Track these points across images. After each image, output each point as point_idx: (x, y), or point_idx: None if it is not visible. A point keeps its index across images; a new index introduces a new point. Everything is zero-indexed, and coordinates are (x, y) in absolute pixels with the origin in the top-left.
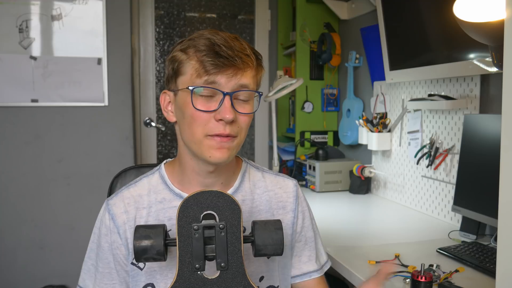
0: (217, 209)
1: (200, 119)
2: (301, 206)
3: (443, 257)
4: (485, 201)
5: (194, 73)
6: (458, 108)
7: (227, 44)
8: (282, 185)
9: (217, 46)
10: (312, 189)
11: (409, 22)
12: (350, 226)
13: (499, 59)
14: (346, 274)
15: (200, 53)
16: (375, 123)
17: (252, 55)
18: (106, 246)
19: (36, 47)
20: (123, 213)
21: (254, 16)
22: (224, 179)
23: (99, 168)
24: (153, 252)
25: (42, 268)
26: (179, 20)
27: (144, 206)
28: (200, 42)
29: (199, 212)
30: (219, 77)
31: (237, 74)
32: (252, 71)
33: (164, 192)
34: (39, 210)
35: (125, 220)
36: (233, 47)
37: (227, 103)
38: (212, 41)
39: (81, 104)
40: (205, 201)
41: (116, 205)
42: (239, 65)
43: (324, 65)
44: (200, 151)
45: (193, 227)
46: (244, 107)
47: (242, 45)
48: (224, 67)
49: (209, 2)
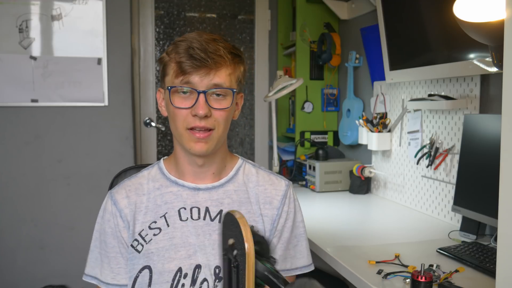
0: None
1: (180, 115)
2: (288, 207)
3: (443, 257)
4: (485, 201)
5: (173, 73)
6: (458, 108)
7: (201, 47)
8: (274, 183)
9: (191, 49)
10: (312, 189)
11: (409, 22)
12: (350, 226)
13: (499, 59)
14: (346, 274)
15: (178, 55)
16: (375, 123)
17: (226, 55)
18: (109, 231)
19: (36, 47)
20: (125, 198)
21: (254, 16)
22: (216, 170)
23: (99, 168)
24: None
25: (42, 268)
26: (179, 20)
27: (144, 192)
28: (180, 46)
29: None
30: (193, 77)
31: (209, 74)
32: (227, 69)
33: (162, 180)
34: (39, 210)
35: (126, 204)
36: (206, 49)
37: (201, 100)
38: (189, 45)
39: (81, 104)
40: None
41: (118, 192)
42: (211, 65)
43: (324, 65)
44: (182, 143)
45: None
46: (220, 102)
47: (217, 46)
48: (197, 68)
49: (209, 2)
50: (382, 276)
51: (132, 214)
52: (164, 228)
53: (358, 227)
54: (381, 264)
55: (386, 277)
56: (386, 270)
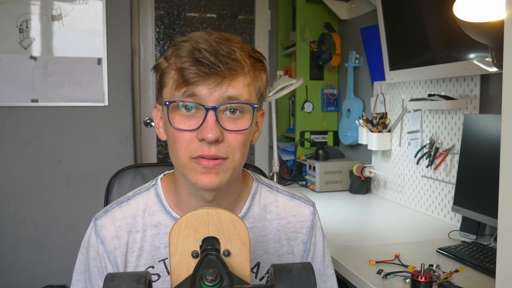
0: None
1: (181, 139)
2: (315, 238)
3: (443, 257)
4: (485, 201)
5: (173, 84)
6: (458, 108)
7: (211, 48)
8: (298, 212)
9: (197, 51)
10: (312, 189)
11: (409, 22)
12: (350, 226)
13: (499, 59)
14: (346, 274)
15: (180, 60)
16: (375, 123)
17: (245, 59)
18: (95, 271)
19: (36, 47)
20: (114, 238)
21: (254, 16)
22: (228, 205)
23: (99, 168)
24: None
25: (42, 268)
26: (179, 20)
27: (138, 229)
28: (183, 47)
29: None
30: (199, 88)
31: (222, 84)
32: (245, 78)
33: (160, 215)
34: (39, 210)
35: (116, 245)
36: (217, 51)
37: (210, 119)
38: (195, 46)
39: (81, 104)
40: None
41: (106, 227)
42: (224, 72)
43: (324, 65)
44: (186, 175)
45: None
46: (236, 122)
47: (232, 47)
48: (205, 76)
49: (209, 2)
50: (382, 276)
51: (122, 257)
52: (164, 275)
53: (358, 227)
54: (381, 264)
55: (386, 277)
56: (386, 270)
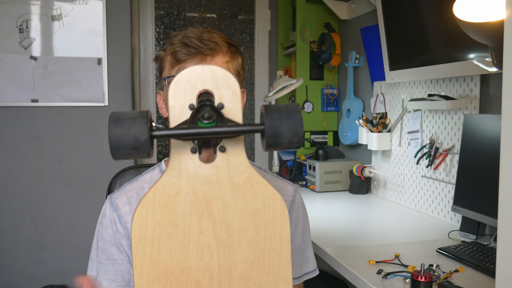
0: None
1: None
2: (296, 213)
3: (443, 257)
4: (485, 201)
5: (169, 65)
6: (458, 108)
7: (196, 36)
8: (281, 188)
9: (186, 38)
10: (312, 189)
11: (409, 22)
12: (350, 226)
13: (499, 59)
14: (346, 274)
15: (173, 46)
16: (375, 123)
17: (222, 42)
18: (107, 238)
19: (36, 47)
20: (126, 204)
21: (254, 16)
22: None
23: (99, 168)
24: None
25: (42, 268)
26: (179, 20)
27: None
28: (175, 38)
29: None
30: (188, 64)
31: (205, 60)
32: (224, 56)
33: None
34: (39, 210)
35: (127, 211)
36: (201, 37)
37: None
38: (184, 35)
39: (81, 104)
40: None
41: (119, 198)
42: (206, 51)
43: (324, 65)
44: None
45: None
46: None
47: (212, 35)
48: (192, 55)
49: (209, 2)
50: (382, 276)
51: (127, 224)
52: None
53: (358, 227)
54: (381, 264)
55: (386, 277)
56: (386, 270)
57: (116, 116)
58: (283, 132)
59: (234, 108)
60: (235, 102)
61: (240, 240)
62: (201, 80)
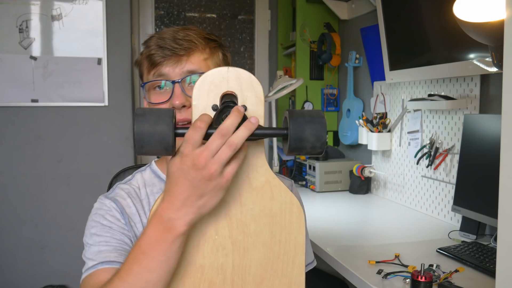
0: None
1: None
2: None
3: (443, 257)
4: (485, 201)
5: (146, 70)
6: (458, 108)
7: (171, 36)
8: None
9: (161, 40)
10: (312, 189)
11: (409, 22)
12: (350, 226)
13: (499, 59)
14: (346, 274)
15: (148, 49)
16: (375, 123)
17: (198, 39)
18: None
19: (36, 47)
20: (126, 198)
21: (254, 16)
22: None
23: (99, 168)
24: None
25: (42, 268)
26: (179, 20)
27: (143, 197)
28: (151, 40)
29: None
30: (163, 67)
31: (180, 61)
32: (201, 54)
33: (159, 184)
34: (39, 210)
35: (130, 203)
36: (175, 37)
37: (177, 90)
38: (159, 36)
39: (81, 104)
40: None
41: (117, 193)
42: (180, 52)
43: (324, 65)
44: None
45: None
46: None
47: (187, 33)
48: (167, 57)
49: (209, 2)
50: (382, 276)
51: (134, 216)
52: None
53: (358, 227)
54: (381, 264)
55: (386, 277)
56: (386, 270)
57: (141, 112)
58: (307, 136)
59: (257, 111)
60: (258, 105)
61: (255, 242)
62: (226, 82)
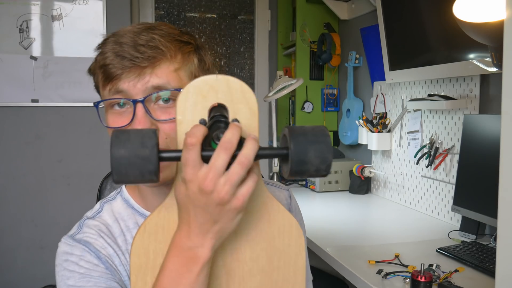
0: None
1: None
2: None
3: (443, 257)
4: (485, 201)
5: (100, 83)
6: (458, 108)
7: (131, 40)
8: (276, 196)
9: (118, 45)
10: (312, 189)
11: (409, 22)
12: (350, 226)
13: (498, 59)
14: (346, 274)
15: (102, 56)
16: (375, 123)
17: (166, 44)
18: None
19: (36, 47)
20: (99, 238)
21: (254, 16)
22: None
23: (99, 168)
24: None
25: (42, 268)
26: (179, 20)
27: (117, 235)
28: (107, 44)
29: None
30: (122, 82)
31: (143, 75)
32: (170, 64)
33: (134, 217)
34: (39, 210)
35: (104, 244)
36: (136, 42)
37: (139, 112)
38: (116, 40)
39: (81, 104)
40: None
41: (85, 233)
42: (143, 62)
43: (324, 65)
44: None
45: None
46: (169, 112)
47: (151, 35)
48: (126, 69)
49: (209, 2)
50: (382, 276)
51: (113, 258)
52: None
53: (358, 227)
54: (381, 264)
55: (386, 277)
56: (386, 270)
57: (119, 134)
58: (310, 158)
59: (250, 125)
60: (251, 119)
61: (252, 269)
62: (214, 92)
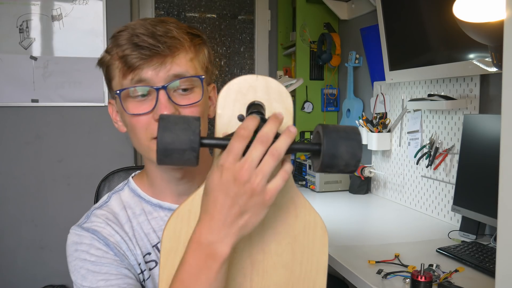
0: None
1: (140, 124)
2: None
3: (443, 257)
4: (485, 201)
5: (119, 73)
6: (458, 108)
7: (148, 31)
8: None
9: (135, 36)
10: (312, 189)
11: (409, 22)
12: (350, 226)
13: (498, 59)
14: (346, 274)
15: (120, 48)
16: (375, 123)
17: (182, 35)
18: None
19: (36, 47)
20: (106, 226)
21: (254, 16)
22: (200, 181)
23: (99, 168)
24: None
25: (42, 268)
26: (179, 20)
27: (124, 222)
28: (121, 36)
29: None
30: (144, 71)
31: (165, 63)
32: (186, 54)
33: (141, 204)
34: (39, 210)
35: (111, 232)
36: (154, 33)
37: (163, 98)
38: (131, 32)
39: (81, 104)
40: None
41: (93, 222)
42: (164, 51)
43: (324, 65)
44: (151, 158)
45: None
46: (188, 97)
47: (167, 27)
48: (148, 58)
49: (209, 2)
50: (382, 276)
51: (121, 245)
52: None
53: (358, 227)
54: (381, 264)
55: (386, 277)
56: (386, 270)
57: (166, 119)
58: (341, 153)
59: (286, 124)
60: (287, 117)
61: (276, 263)
62: (253, 91)
